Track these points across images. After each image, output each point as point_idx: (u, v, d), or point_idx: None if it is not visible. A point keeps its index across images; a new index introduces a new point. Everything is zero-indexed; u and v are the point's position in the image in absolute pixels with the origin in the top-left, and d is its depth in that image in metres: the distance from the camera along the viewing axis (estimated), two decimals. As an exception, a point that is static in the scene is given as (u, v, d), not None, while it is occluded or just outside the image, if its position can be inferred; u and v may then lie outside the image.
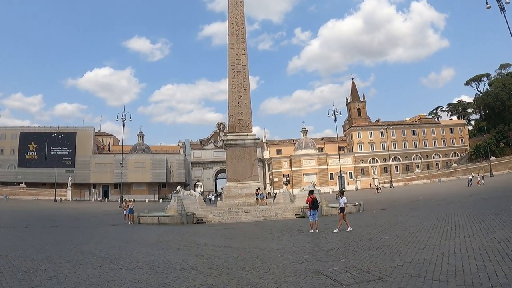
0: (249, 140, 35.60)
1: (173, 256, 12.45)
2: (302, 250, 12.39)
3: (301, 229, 19.46)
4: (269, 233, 18.28)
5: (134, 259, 11.92)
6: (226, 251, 13.19)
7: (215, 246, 14.44)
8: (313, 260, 10.44)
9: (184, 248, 14.49)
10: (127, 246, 15.34)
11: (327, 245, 13.21)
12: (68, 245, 15.40)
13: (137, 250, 13.97)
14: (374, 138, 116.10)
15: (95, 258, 12.13)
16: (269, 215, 29.32)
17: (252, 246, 14.09)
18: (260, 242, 15.06)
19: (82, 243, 16.12)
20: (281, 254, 11.96)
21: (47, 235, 19.94)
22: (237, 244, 14.87)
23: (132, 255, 12.84)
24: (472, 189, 47.79)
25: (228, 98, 36.96)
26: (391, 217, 22.75)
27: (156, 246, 15.20)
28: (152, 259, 11.81)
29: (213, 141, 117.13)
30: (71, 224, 27.94)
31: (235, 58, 37.21)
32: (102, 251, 13.75)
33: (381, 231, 16.07)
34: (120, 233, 21.66)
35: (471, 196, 34.84)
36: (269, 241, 15.38)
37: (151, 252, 13.35)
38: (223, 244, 15.19)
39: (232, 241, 16.14)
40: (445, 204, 29.01)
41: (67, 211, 46.61)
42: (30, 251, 13.57)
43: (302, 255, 11.37)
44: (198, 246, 14.79)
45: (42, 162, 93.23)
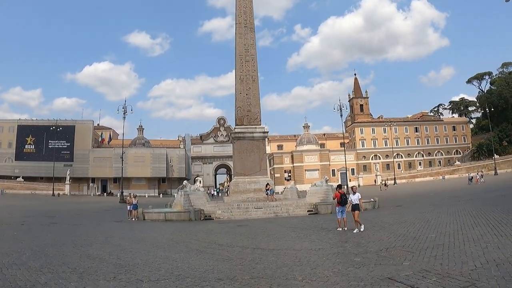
0: (257, 133, 34.18)
1: (198, 261, 10.68)
2: (346, 252, 11.07)
3: (324, 226, 18.18)
4: (291, 232, 16.82)
5: (153, 265, 10.03)
6: (258, 253, 11.50)
7: (242, 248, 12.86)
8: (369, 263, 9.13)
9: (207, 250, 12.73)
10: (139, 248, 13.47)
11: (370, 245, 11.87)
12: (70, 247, 13.52)
13: (153, 254, 12.06)
14: (376, 134, 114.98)
15: (105, 264, 10.24)
16: (280, 212, 27.95)
17: (284, 247, 12.52)
18: (290, 243, 13.52)
19: (86, 244, 14.29)
20: (325, 256, 10.54)
21: (46, 234, 17.72)
22: (265, 245, 13.19)
23: (148, 260, 10.89)
24: (476, 186, 48.23)
25: (235, 90, 35.52)
26: (416, 213, 21.40)
27: (173, 248, 13.48)
28: (175, 265, 10.01)
29: (213, 136, 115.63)
30: (71, 221, 25.91)
31: (243, 48, 35.75)
32: (112, 254, 11.90)
33: (418, 228, 14.85)
34: (126, 231, 19.78)
35: (489, 192, 33.70)
36: (299, 241, 13.88)
37: (171, 256, 11.49)
38: (248, 244, 13.57)
39: (256, 241, 14.48)
40: (465, 201, 27.78)
41: (66, 206, 44.97)
42: (27, 256, 11.49)
43: (351, 258, 10.03)
44: (221, 248, 13.10)
45: (40, 155, 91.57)
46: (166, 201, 42.85)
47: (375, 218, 20.21)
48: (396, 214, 22.06)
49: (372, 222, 18.13)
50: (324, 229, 17.19)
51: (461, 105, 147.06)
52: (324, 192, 30.70)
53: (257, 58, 36.29)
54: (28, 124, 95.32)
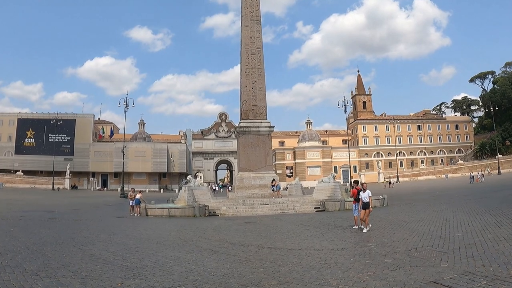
0: (263, 127, 33.43)
1: (213, 263, 9.66)
2: (372, 252, 10.30)
3: (337, 224, 17.45)
4: (305, 230, 16.05)
5: (164, 268, 8.95)
6: (277, 254, 10.62)
7: (257, 247, 11.95)
8: (403, 265, 8.45)
9: (220, 250, 11.75)
10: (146, 247, 12.42)
11: (396, 244, 11.15)
12: (71, 246, 12.38)
13: (162, 254, 11.07)
14: (379, 132, 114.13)
15: (110, 267, 9.13)
16: (287, 208, 27.23)
17: (303, 246, 11.71)
18: (308, 242, 12.72)
19: (88, 243, 13.23)
20: (352, 257, 9.79)
21: (44, 231, 16.54)
22: (282, 244, 12.37)
23: (158, 261, 9.89)
24: (478, 185, 49.15)
25: (241, 83, 34.75)
26: (430, 211, 20.76)
27: (182, 247, 12.43)
28: (189, 268, 8.97)
29: (214, 131, 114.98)
30: (71, 216, 24.67)
31: (249, 41, 34.97)
32: (117, 255, 10.87)
33: (439, 227, 14.26)
34: (129, 228, 18.56)
35: (498, 191, 33.11)
36: (317, 240, 13.09)
37: (182, 257, 10.48)
38: (263, 243, 12.70)
39: (271, 239, 13.64)
40: (477, 200, 27.19)
41: (66, 201, 44.15)
42: (22, 256, 10.41)
43: (381, 259, 9.28)
44: (235, 247, 12.18)
45: (40, 149, 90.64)
46: (167, 196, 42.15)
47: (388, 216, 19.52)
48: (409, 212, 21.33)
49: (387, 220, 17.48)
50: (338, 227, 16.48)
51: (463, 104, 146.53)
52: (332, 189, 29.99)
53: (263, 52, 35.56)
54: (28, 117, 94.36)
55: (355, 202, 15.41)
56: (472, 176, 61.14)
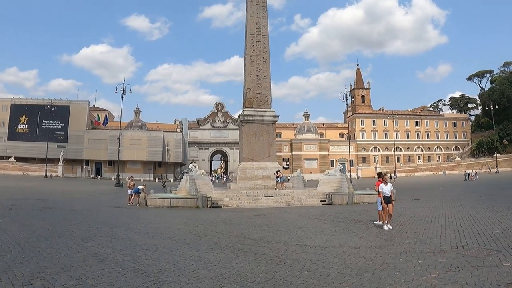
0: (267, 116, 32.28)
1: (243, 264, 8.25)
2: (417, 250, 9.34)
3: (356, 218, 16.57)
4: (323, 224, 15.03)
5: (187, 273, 7.43)
6: (310, 253, 9.41)
7: (284, 244, 10.63)
8: (463, 265, 7.59)
9: (244, 248, 10.29)
10: (156, 244, 10.83)
11: (436, 242, 10.25)
12: (69, 241, 10.76)
13: (178, 252, 9.58)
14: (377, 126, 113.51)
15: (121, 271, 7.51)
16: (292, 201, 26.22)
17: (334, 243, 10.57)
18: (337, 238, 11.62)
19: (88, 238, 11.55)
20: (399, 257, 8.74)
21: (37, 222, 14.82)
22: (309, 241, 11.11)
23: (177, 263, 8.38)
24: (474, 182, 50.88)
25: (245, 70, 33.51)
26: (449, 207, 19.90)
27: (198, 244, 10.86)
28: (219, 272, 7.50)
29: (210, 121, 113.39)
30: (66, 205, 23.06)
31: (255, 27, 33.73)
32: (125, 254, 9.30)
33: (471, 223, 13.51)
34: (132, 220, 17.01)
35: (506, 189, 32.39)
36: (346, 236, 12.00)
37: (203, 257, 9.03)
38: (287, 240, 11.43)
39: (293, 235, 12.38)
40: (488, 196, 26.52)
41: (59, 189, 42.76)
42: (13, 255, 8.81)
43: (433, 258, 8.35)
44: (258, 244, 10.86)
45: (33, 135, 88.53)
46: (168, 186, 41.04)
47: (405, 211, 18.61)
48: (425, 207, 20.37)
49: (406, 216, 16.62)
50: (358, 221, 15.52)
51: (461, 101, 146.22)
52: (338, 182, 29.05)
53: (268, 39, 34.34)
54: (22, 103, 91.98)
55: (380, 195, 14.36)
56: (468, 174, 63.25)
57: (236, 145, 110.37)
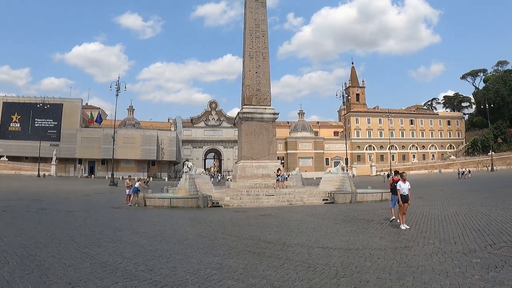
0: (267, 114, 31.69)
1: (271, 271, 7.50)
2: (446, 250, 8.99)
3: (367, 217, 16.09)
4: (335, 224, 14.45)
5: (214, 285, 6.68)
6: (338, 256, 8.81)
7: (305, 247, 9.95)
8: (503, 265, 7.31)
9: (264, 252, 9.48)
10: (167, 249, 10.01)
11: (460, 241, 9.92)
12: (72, 248, 9.88)
13: (195, 259, 8.75)
14: (372, 124, 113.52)
15: (137, 284, 6.67)
16: (294, 200, 25.69)
17: (358, 245, 10.01)
18: (356, 239, 11.08)
19: (92, 243, 10.60)
20: (430, 257, 8.34)
21: (34, 226, 13.92)
22: (330, 243, 10.49)
23: (198, 272, 7.50)
24: (468, 180, 52.08)
25: (244, 67, 32.92)
26: (458, 205, 19.58)
27: (213, 249, 10.02)
28: (249, 283, 6.72)
29: (204, 120, 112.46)
30: (62, 206, 22.20)
31: (254, 23, 33.15)
32: (137, 262, 8.42)
33: (487, 222, 13.30)
34: (134, 222, 16.12)
35: (508, 187, 32.06)
36: (364, 237, 11.48)
37: (225, 264, 8.24)
38: (307, 242, 10.73)
39: (310, 237, 11.68)
40: (491, 194, 26.34)
41: (53, 188, 41.89)
42: (10, 266, 7.89)
43: (466, 259, 8.05)
44: (277, 248, 9.98)
45: (25, 134, 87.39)
46: (160, 185, 40.25)
47: (415, 209, 18.10)
48: (433, 206, 19.88)
49: (418, 214, 16.31)
50: (370, 221, 15.04)
51: (454, 100, 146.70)
52: (340, 180, 28.53)
53: (268, 35, 33.78)
54: (14, 101, 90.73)
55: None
56: (462, 172, 65.07)
57: (230, 143, 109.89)
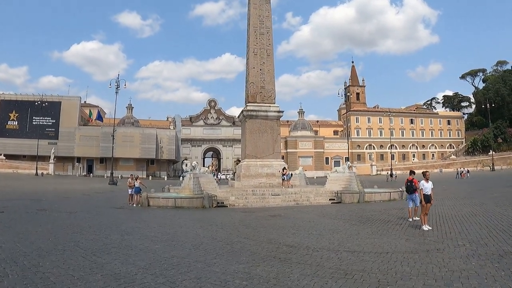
0: (272, 112, 31.13)
1: (308, 281, 6.84)
2: (481, 253, 8.55)
3: (382, 218, 15.65)
4: (352, 226, 13.90)
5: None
6: (370, 261, 8.21)
7: (332, 252, 9.34)
8: None
9: (290, 258, 8.69)
10: (183, 255, 9.05)
11: (489, 242, 9.56)
12: (78, 256, 8.91)
13: (218, 268, 7.86)
14: (372, 124, 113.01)
15: None
16: (300, 200, 25.18)
17: (387, 249, 9.45)
18: (380, 241, 10.52)
19: (100, 250, 9.65)
20: (467, 261, 7.92)
21: (35, 230, 12.84)
22: (355, 246, 9.85)
23: (226, 284, 6.87)
24: (467, 180, 52.54)
25: (248, 64, 32.34)
26: (472, 205, 19.09)
27: (234, 255, 9.17)
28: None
29: (203, 118, 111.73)
30: (63, 207, 21.31)
31: (258, 20, 32.63)
32: (154, 273, 7.44)
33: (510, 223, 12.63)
34: (140, 224, 15.06)
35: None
36: (389, 239, 10.90)
37: (254, 273, 7.42)
38: (330, 245, 10.08)
39: (330, 239, 11.05)
40: (501, 193, 25.83)
41: (52, 187, 41.13)
42: (11, 280, 6.90)
43: (506, 261, 7.61)
44: (301, 252, 9.41)
45: (23, 132, 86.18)
46: (160, 184, 39.61)
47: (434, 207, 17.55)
48: (444, 206, 19.34)
49: (433, 215, 15.74)
50: (387, 221, 14.62)
51: (454, 100, 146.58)
52: (347, 180, 28.02)
53: (272, 32, 33.23)
54: (11, 99, 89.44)
55: (416, 192, 14.17)
56: (460, 172, 65.66)
57: (230, 142, 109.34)
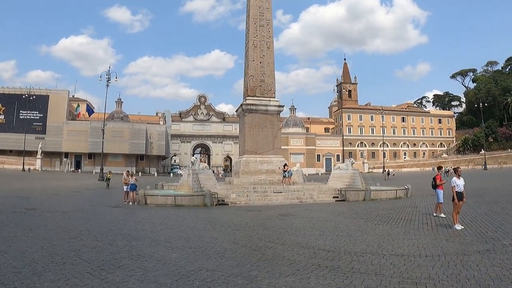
0: (272, 106, 30.08)
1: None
2: None
3: (398, 216, 14.94)
4: (375, 225, 13.00)
5: None
6: (428, 266, 7.29)
7: (378, 256, 8.33)
8: None
9: (338, 265, 7.56)
10: (215, 269, 7.41)
11: None
12: (84, 273, 7.00)
13: (266, 285, 6.36)
14: (364, 121, 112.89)
15: None
16: (304, 197, 24.20)
17: (433, 251, 8.64)
18: (419, 242, 9.70)
19: (108, 263, 7.74)
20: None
21: (25, 235, 10.80)
22: (397, 249, 8.92)
23: None
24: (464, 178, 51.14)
25: (247, 57, 31.21)
26: (484, 204, 18.48)
27: (274, 265, 7.75)
28: None
29: (193, 114, 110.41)
30: (54, 205, 19.66)
31: (258, 11, 31.48)
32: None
33: None
34: (145, 226, 13.37)
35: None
36: (426, 240, 10.12)
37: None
38: (370, 249, 9.05)
39: (363, 242, 10.07)
40: (506, 191, 25.18)
41: (40, 184, 39.49)
42: None
43: None
44: (341, 257, 8.26)
45: (9, 126, 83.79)
46: (151, 181, 38.36)
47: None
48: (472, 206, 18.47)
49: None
50: (411, 220, 13.98)
51: (444, 99, 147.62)
52: (351, 177, 27.16)
53: (272, 24, 32.20)
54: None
55: (441, 188, 14.42)
56: (447, 170, 64.60)
57: (219, 138, 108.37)
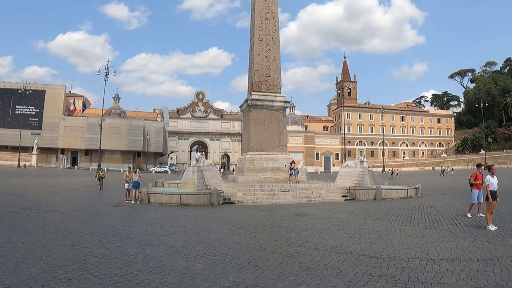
0: (278, 102, 29.15)
1: None
2: None
3: (420, 217, 14.13)
4: (401, 226, 12.23)
5: None
6: (487, 271, 6.81)
7: (423, 261, 7.56)
8: None
9: (390, 273, 6.80)
10: (260, 284, 6.43)
11: None
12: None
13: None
14: (363, 120, 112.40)
15: None
16: (312, 196, 23.36)
17: (484, 255, 8.03)
18: (460, 244, 9.12)
19: (124, 279, 6.52)
20: None
21: (18, 239, 9.81)
22: (443, 253, 8.26)
23: None
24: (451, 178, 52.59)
25: (253, 51, 30.26)
26: (505, 203, 17.20)
27: (320, 275, 6.86)
28: None
29: (190, 111, 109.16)
30: (51, 204, 18.39)
31: (264, 4, 30.53)
32: None
33: None
34: (154, 228, 12.16)
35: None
36: (466, 242, 9.43)
37: None
38: (413, 254, 8.27)
39: (400, 244, 9.34)
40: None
41: (36, 180, 38.43)
42: None
43: None
44: (382, 263, 7.48)
45: (5, 122, 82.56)
46: (151, 178, 37.38)
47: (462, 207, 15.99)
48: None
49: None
50: (437, 221, 13.35)
51: (443, 98, 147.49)
52: (360, 175, 26.45)
53: (278, 18, 31.26)
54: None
55: (479, 187, 13.50)
56: (443, 170, 68.67)
57: (217, 136, 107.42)
